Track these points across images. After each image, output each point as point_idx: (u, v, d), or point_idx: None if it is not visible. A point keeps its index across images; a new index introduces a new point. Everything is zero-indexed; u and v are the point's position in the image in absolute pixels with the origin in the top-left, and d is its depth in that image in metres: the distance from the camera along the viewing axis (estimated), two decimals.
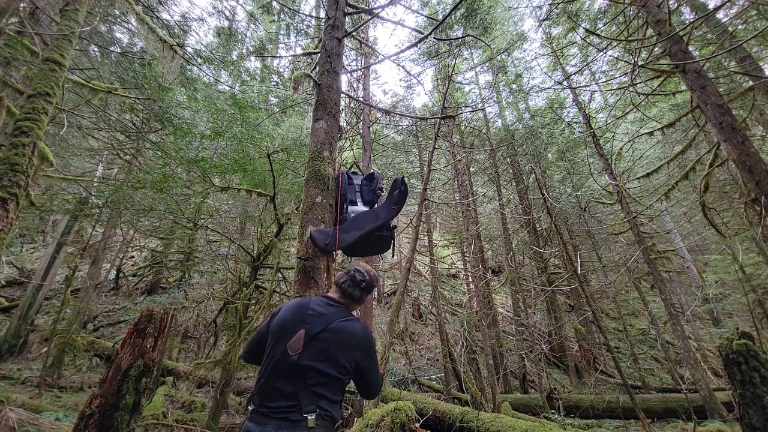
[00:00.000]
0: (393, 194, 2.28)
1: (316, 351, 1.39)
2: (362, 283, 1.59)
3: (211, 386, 7.02)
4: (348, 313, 1.56)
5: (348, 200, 2.58)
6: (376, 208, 2.40)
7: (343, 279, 1.61)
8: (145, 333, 2.40)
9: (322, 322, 1.45)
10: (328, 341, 1.42)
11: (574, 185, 11.10)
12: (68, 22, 3.78)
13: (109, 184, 8.10)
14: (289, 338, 1.42)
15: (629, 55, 6.51)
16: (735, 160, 3.98)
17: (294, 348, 1.39)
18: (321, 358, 1.39)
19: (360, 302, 1.62)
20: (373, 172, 2.81)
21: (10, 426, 3.13)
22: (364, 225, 2.28)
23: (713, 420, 6.02)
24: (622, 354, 12.46)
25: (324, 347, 1.41)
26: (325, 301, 1.56)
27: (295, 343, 1.40)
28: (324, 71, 3.17)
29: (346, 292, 1.58)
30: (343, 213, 2.50)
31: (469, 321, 9.35)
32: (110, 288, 11.54)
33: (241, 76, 9.93)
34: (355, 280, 1.59)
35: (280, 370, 1.38)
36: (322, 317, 1.47)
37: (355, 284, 1.59)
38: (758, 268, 8.74)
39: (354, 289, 1.58)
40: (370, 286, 1.62)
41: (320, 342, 1.41)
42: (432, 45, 9.43)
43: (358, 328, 1.51)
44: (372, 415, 2.87)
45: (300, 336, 1.41)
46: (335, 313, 1.51)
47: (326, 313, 1.49)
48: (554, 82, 10.33)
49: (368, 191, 2.74)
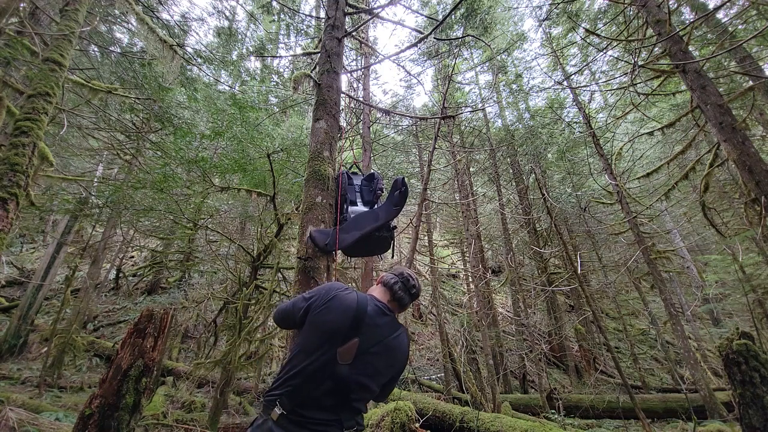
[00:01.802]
0: (393, 195, 2.26)
1: (365, 365, 1.28)
2: (413, 289, 1.48)
3: (211, 386, 7.02)
4: (398, 324, 1.44)
5: (348, 200, 2.58)
6: (377, 209, 2.39)
7: (394, 281, 1.47)
8: (145, 333, 2.40)
9: (377, 336, 1.33)
10: (380, 358, 1.32)
11: (574, 185, 11.10)
12: (68, 22, 3.78)
13: (109, 184, 8.10)
14: (339, 344, 1.27)
15: (629, 55, 6.51)
16: (735, 160, 3.98)
17: (345, 358, 1.25)
18: (369, 374, 1.29)
19: (404, 309, 1.49)
20: (373, 172, 2.81)
21: (10, 426, 3.13)
22: (364, 225, 2.28)
23: (713, 420, 6.02)
24: (622, 354, 12.46)
25: (374, 363, 1.31)
26: (380, 309, 1.40)
27: (346, 353, 1.26)
28: (324, 71, 3.17)
29: (397, 296, 1.45)
30: (343, 213, 2.51)
31: (469, 321, 9.35)
32: (110, 288, 11.53)
33: (241, 76, 9.93)
34: (408, 285, 1.47)
35: (323, 377, 1.24)
36: (378, 329, 1.34)
37: (406, 289, 1.46)
38: (758, 268, 8.75)
39: (405, 294, 1.46)
40: (418, 293, 1.50)
41: (371, 357, 1.30)
42: (432, 45, 9.43)
43: (406, 344, 1.42)
44: (372, 415, 2.87)
45: (353, 345, 1.27)
46: (389, 324, 1.39)
47: (381, 324, 1.36)
48: (554, 82, 10.34)
49: (368, 191, 2.74)
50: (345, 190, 2.60)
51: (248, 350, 5.02)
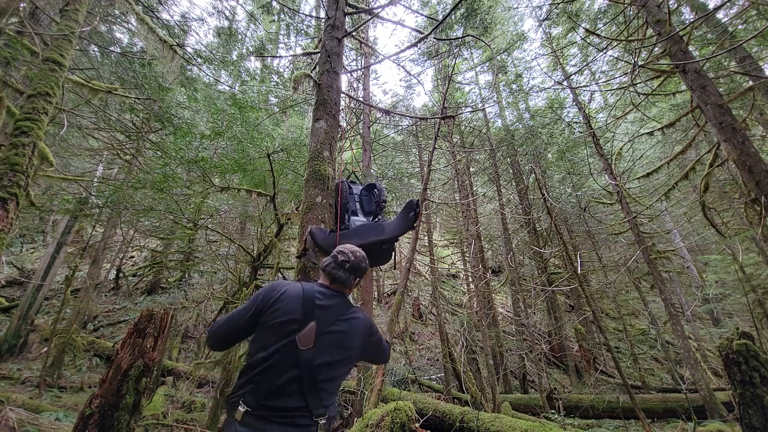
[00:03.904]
0: (408, 216, 2.29)
1: (327, 345, 1.30)
2: (346, 264, 1.47)
3: (211, 386, 7.02)
4: (351, 303, 1.48)
5: (350, 210, 2.55)
6: (383, 223, 2.40)
7: (326, 262, 1.50)
8: (145, 333, 2.40)
9: (332, 316, 1.36)
10: (340, 336, 1.34)
11: (574, 185, 11.10)
12: (68, 22, 3.78)
13: (109, 184, 8.09)
14: (296, 331, 1.28)
15: (629, 55, 6.51)
16: (735, 160, 3.98)
17: (305, 342, 1.27)
18: (332, 354, 1.30)
19: (349, 285, 1.49)
20: (375, 183, 2.78)
21: (10, 426, 3.13)
22: (366, 236, 2.28)
23: (713, 420, 6.02)
24: (622, 354, 12.46)
25: (335, 341, 1.32)
26: (326, 291, 1.43)
27: (305, 337, 1.27)
28: (324, 71, 3.17)
29: (332, 275, 1.46)
30: (344, 223, 2.47)
31: (469, 321, 9.35)
32: (110, 288, 11.53)
33: (241, 76, 9.93)
34: (338, 261, 1.48)
35: (286, 366, 1.24)
36: (331, 310, 1.37)
37: (338, 265, 1.47)
38: (758, 268, 8.75)
39: (338, 271, 1.46)
40: (356, 266, 1.49)
41: (332, 336, 1.32)
42: (432, 45, 9.43)
43: (362, 320, 1.45)
44: (372, 415, 2.87)
45: (311, 329, 1.29)
46: (340, 304, 1.42)
47: (333, 305, 1.39)
48: (554, 82, 10.34)
49: (368, 201, 2.70)
50: (346, 200, 2.56)
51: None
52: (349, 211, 2.54)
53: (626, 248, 11.10)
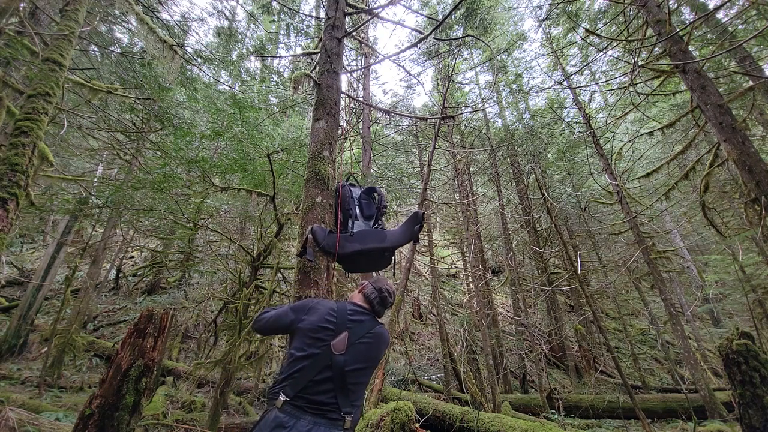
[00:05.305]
0: (413, 229, 2.34)
1: (357, 353, 1.49)
2: (388, 303, 1.73)
3: (211, 386, 7.02)
4: (378, 321, 1.69)
5: (352, 216, 2.50)
6: (385, 231, 2.38)
7: (374, 296, 1.71)
8: (145, 333, 2.40)
9: (363, 329, 1.57)
10: (368, 347, 1.54)
11: (574, 185, 11.10)
12: (68, 22, 3.78)
13: (109, 184, 8.09)
14: (331, 338, 1.48)
15: (629, 55, 6.50)
16: (735, 160, 3.98)
17: (338, 348, 1.46)
18: (361, 362, 1.49)
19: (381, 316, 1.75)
20: (375, 186, 2.71)
21: (10, 426, 3.13)
22: (367, 242, 2.27)
23: (713, 420, 6.03)
24: (622, 354, 12.46)
25: (363, 351, 1.52)
26: (360, 310, 1.66)
27: (339, 344, 1.47)
28: (324, 71, 3.17)
29: (375, 309, 1.69)
30: (347, 229, 2.41)
31: (469, 321, 9.34)
32: (110, 288, 11.53)
33: (241, 76, 9.94)
34: (386, 302, 1.72)
35: (322, 366, 1.42)
36: (362, 324, 1.59)
37: (383, 304, 1.71)
38: (758, 268, 8.75)
39: (381, 308, 1.71)
40: (392, 305, 1.78)
41: (361, 346, 1.52)
42: (432, 45, 9.43)
43: (386, 336, 1.68)
44: (372, 415, 2.87)
45: (344, 337, 1.50)
46: (369, 320, 1.64)
47: (364, 320, 1.61)
48: (554, 82, 10.34)
49: (367, 205, 2.64)
50: (348, 206, 2.50)
51: (248, 350, 5.02)
52: (352, 216, 2.51)
53: (626, 248, 11.10)
